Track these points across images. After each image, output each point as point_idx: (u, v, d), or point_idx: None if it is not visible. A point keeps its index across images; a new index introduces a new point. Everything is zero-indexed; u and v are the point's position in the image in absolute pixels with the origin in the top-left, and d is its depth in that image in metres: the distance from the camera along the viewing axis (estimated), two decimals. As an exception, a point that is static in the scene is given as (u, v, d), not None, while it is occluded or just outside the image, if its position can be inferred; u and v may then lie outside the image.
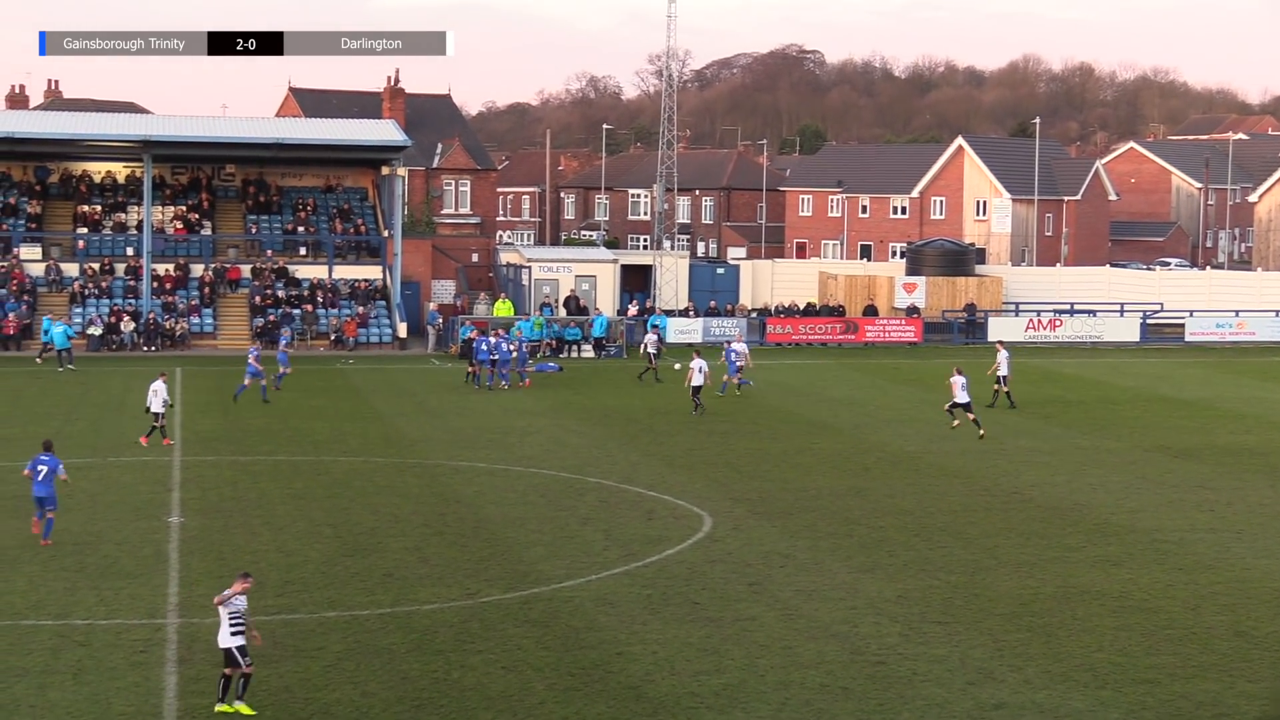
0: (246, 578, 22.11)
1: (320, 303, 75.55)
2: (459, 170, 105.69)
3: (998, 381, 54.53)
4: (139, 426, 47.24)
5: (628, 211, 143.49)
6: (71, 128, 77.06)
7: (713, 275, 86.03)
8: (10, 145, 75.21)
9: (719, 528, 33.42)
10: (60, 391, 55.93)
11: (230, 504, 35.51)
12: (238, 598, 21.68)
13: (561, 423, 49.78)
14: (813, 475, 40.29)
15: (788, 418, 51.42)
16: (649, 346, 63.05)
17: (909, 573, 29.56)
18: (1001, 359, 54.62)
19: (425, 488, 37.91)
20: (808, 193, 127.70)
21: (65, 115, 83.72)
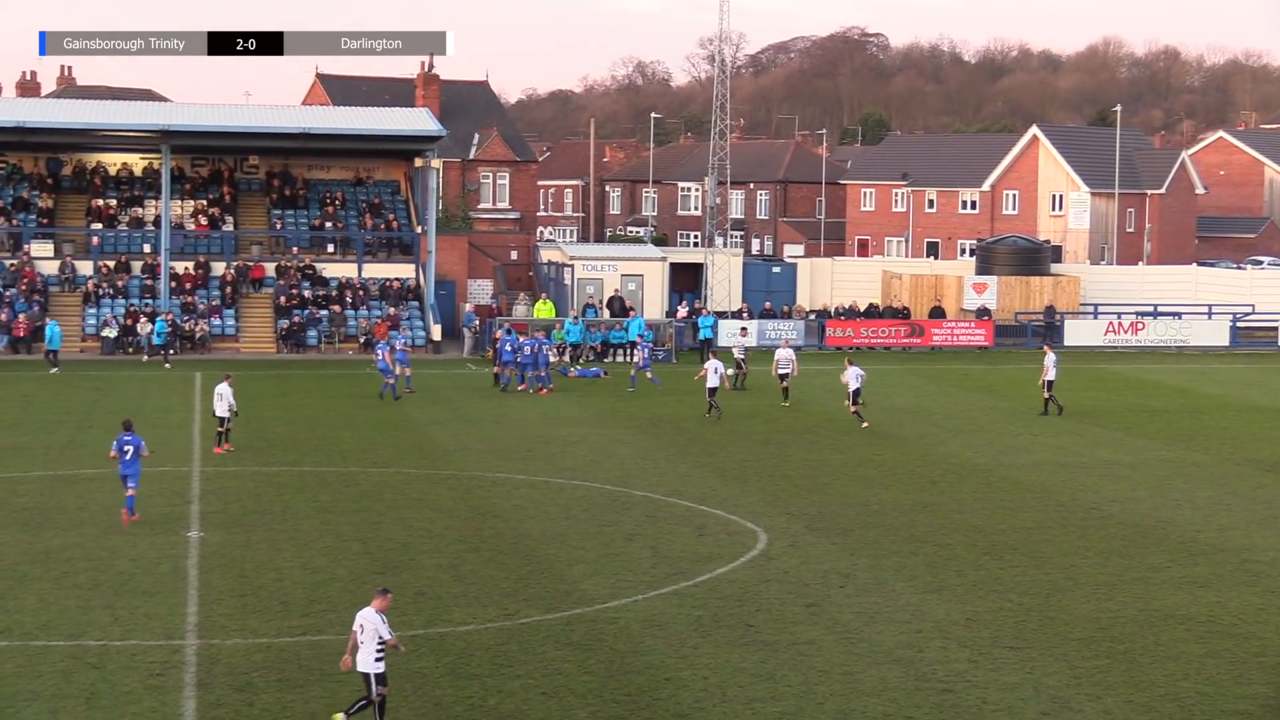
0: (386, 593, 22.17)
1: (349, 303, 75.84)
2: (497, 162, 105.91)
3: (1045, 387, 54.41)
4: (157, 434, 47.52)
5: (677, 206, 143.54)
6: (85, 117, 77.58)
7: (768, 274, 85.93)
8: (20, 135, 75.72)
9: (774, 545, 33.37)
10: (73, 397, 56.29)
11: (253, 517, 35.66)
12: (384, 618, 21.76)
13: (606, 432, 49.80)
14: (875, 489, 40.19)
15: (848, 427, 51.30)
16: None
17: (978, 594, 29.44)
18: (1049, 363, 54.49)
19: (460, 501, 37.98)
20: (870, 186, 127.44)
21: (79, 103, 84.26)
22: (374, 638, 21.59)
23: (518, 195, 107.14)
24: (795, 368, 57.46)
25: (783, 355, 57.14)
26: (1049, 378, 54.34)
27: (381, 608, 21.77)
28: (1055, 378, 54.71)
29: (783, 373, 56.41)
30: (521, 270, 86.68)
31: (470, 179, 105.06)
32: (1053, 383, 54.47)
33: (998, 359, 73.53)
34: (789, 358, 56.96)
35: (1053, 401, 54.45)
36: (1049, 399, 54.46)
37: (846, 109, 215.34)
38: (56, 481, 40.04)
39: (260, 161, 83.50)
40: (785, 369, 56.51)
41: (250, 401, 55.94)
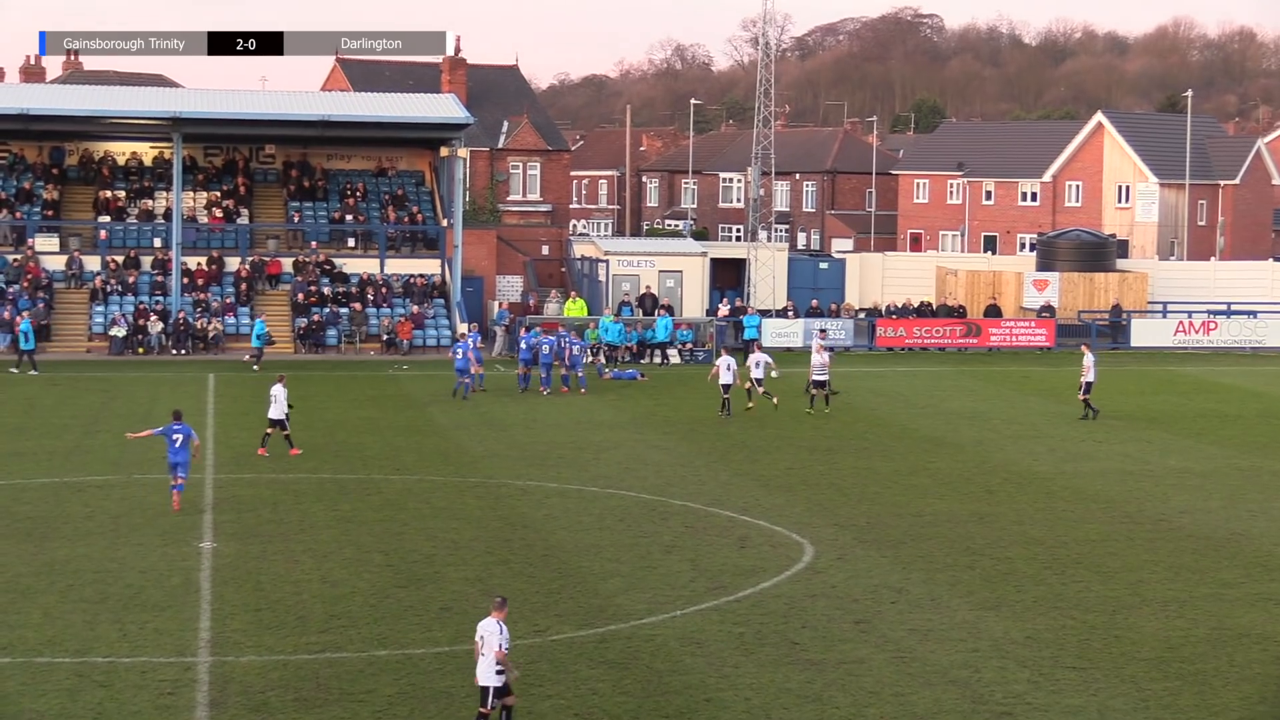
0: (504, 603, 22.24)
1: (371, 301, 76.02)
2: (527, 151, 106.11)
3: (1084, 390, 54.44)
4: (167, 440, 47.76)
5: (718, 198, 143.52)
6: (92, 103, 77.80)
7: (815, 270, 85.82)
8: (24, 123, 75.96)
9: (821, 558, 33.34)
10: (79, 400, 56.54)
11: (269, 528, 35.76)
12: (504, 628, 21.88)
13: (643, 437, 49.82)
14: (929, 498, 40.11)
15: (900, 433, 51.20)
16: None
17: (1039, 611, 29.37)
18: (1087, 363, 54.37)
19: (488, 510, 38.03)
20: (923, 176, 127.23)
21: (85, 89, 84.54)
22: (494, 649, 21.77)
23: (549, 186, 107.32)
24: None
25: (817, 360, 55.63)
26: (1088, 379, 54.24)
27: (501, 617, 21.99)
28: (1094, 379, 54.56)
29: (818, 379, 55.07)
30: (553, 266, 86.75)
31: (499, 169, 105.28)
32: (1091, 385, 54.34)
33: (1059, 361, 73.31)
34: (823, 362, 55.42)
35: (1089, 405, 54.43)
36: (1086, 401, 54.43)
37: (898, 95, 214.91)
38: (62, 489, 40.22)
39: (277, 151, 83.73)
40: (820, 375, 55.18)
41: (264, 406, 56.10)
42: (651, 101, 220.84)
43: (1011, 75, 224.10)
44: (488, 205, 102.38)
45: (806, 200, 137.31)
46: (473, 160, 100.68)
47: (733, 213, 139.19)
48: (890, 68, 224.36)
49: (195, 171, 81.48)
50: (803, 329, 76.59)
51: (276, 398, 45.05)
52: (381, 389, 61.10)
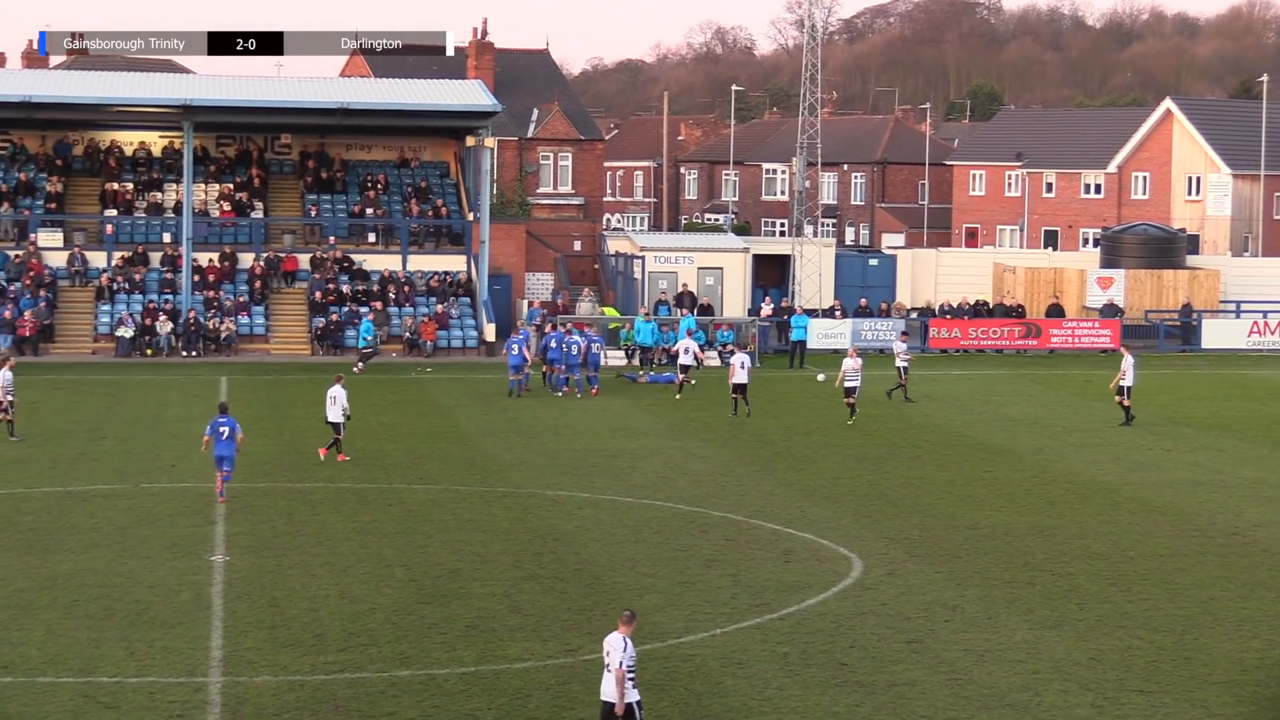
0: (632, 617, 22.32)
1: (392, 300, 76.16)
2: (559, 141, 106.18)
3: (1120, 393, 54.38)
4: (179, 447, 47.88)
5: (761, 190, 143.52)
6: (98, 91, 77.92)
7: (864, 267, 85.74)
8: (26, 112, 76.14)
9: (870, 573, 33.30)
10: (85, 405, 56.76)
11: (285, 540, 35.85)
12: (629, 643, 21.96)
13: (681, 444, 49.82)
14: (985, 510, 40.04)
15: (954, 440, 51.12)
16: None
17: (1103, 630, 29.29)
18: (1126, 365, 54.24)
19: (517, 522, 38.06)
20: (980, 167, 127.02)
21: (90, 76, 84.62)
22: (615, 665, 21.80)
23: (582, 178, 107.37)
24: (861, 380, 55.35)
25: (849, 365, 54.75)
26: (1126, 383, 54.11)
27: (627, 633, 22.01)
28: (1134, 383, 54.41)
29: (849, 385, 54.42)
30: (586, 263, 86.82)
31: (529, 160, 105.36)
32: (1130, 389, 54.20)
33: (1125, 363, 73.01)
34: (855, 368, 54.62)
35: (1126, 410, 54.40)
36: (1126, 406, 54.35)
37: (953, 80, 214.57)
38: (66, 498, 40.37)
39: (293, 141, 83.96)
40: (853, 381, 54.43)
41: (280, 410, 56.28)
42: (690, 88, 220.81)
43: (1074, 59, 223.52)
44: (516, 198, 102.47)
45: (855, 193, 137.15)
46: (500, 150, 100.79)
47: (776, 206, 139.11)
48: (945, 51, 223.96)
49: (207, 162, 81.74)
50: (850, 330, 76.50)
51: (335, 399, 45.55)
52: (403, 393, 61.19)
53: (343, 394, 45.62)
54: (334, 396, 45.57)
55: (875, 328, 77.27)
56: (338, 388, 45.73)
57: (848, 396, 54.35)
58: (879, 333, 76.88)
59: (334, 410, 45.52)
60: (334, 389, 45.74)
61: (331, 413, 45.60)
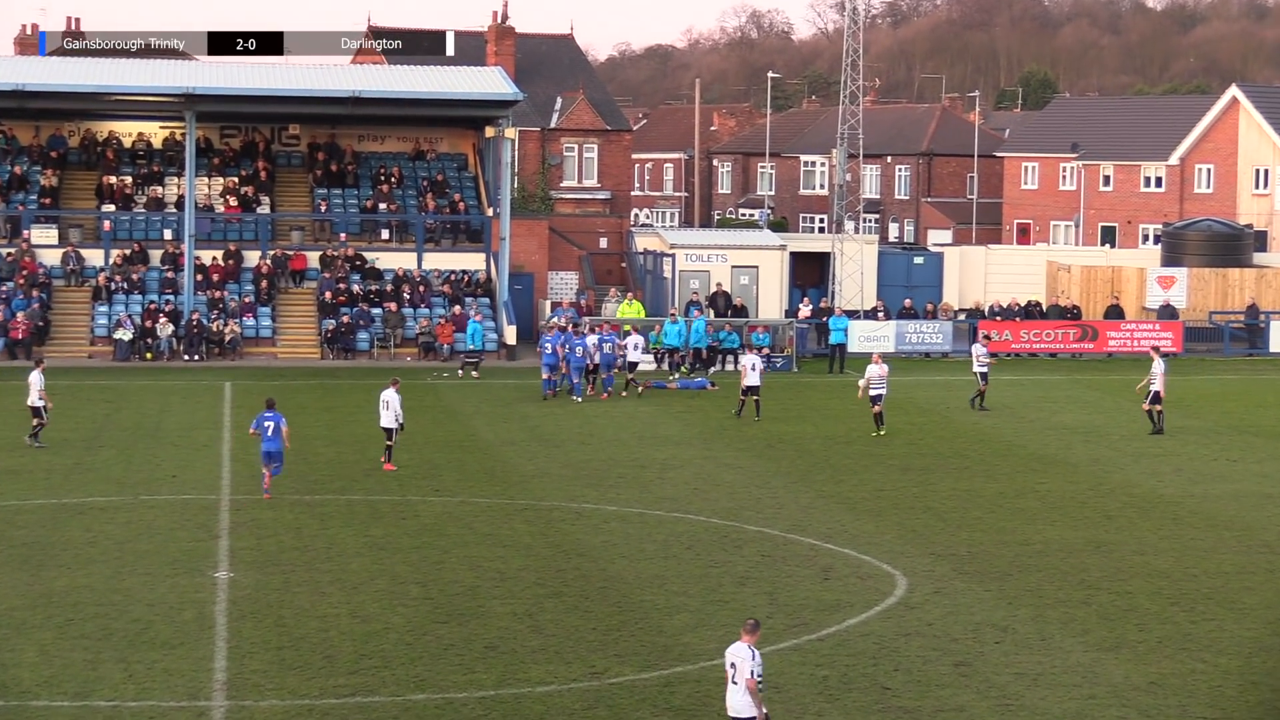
0: (756, 626, 22.40)
1: (407, 300, 76.24)
2: (584, 131, 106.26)
3: (1150, 399, 54.31)
4: (180, 457, 47.97)
5: (799, 184, 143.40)
6: (95, 79, 78.00)
7: (908, 266, 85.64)
8: (19, 101, 76.26)
9: (916, 591, 33.26)
10: (80, 412, 56.86)
11: (292, 555, 35.90)
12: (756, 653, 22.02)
13: (713, 454, 49.81)
14: (1038, 524, 39.97)
15: (1005, 450, 51.03)
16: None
17: (1164, 653, 29.22)
18: (1157, 370, 54.16)
19: (539, 536, 38.09)
20: (1032, 159, 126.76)
21: (87, 63, 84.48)
22: (745, 678, 21.83)
23: (608, 171, 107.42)
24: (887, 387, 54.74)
25: (875, 372, 54.11)
26: (1155, 388, 54.10)
27: (752, 641, 22.07)
28: (1164, 389, 54.33)
29: (875, 393, 53.72)
30: (613, 261, 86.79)
31: (552, 152, 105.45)
32: (1160, 395, 54.12)
33: (1188, 368, 72.98)
34: (881, 375, 54.00)
35: (1156, 418, 54.41)
36: (1158, 413, 54.31)
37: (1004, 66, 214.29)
38: (60, 511, 40.47)
39: (302, 131, 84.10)
40: (879, 389, 53.83)
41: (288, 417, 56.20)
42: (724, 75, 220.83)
43: (1133, 44, 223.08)
44: (539, 192, 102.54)
45: (899, 186, 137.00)
46: (522, 141, 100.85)
47: (815, 200, 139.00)
48: (995, 36, 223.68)
49: (210, 154, 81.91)
50: (894, 332, 76.40)
51: (389, 403, 45.87)
52: (419, 400, 61.23)
53: (396, 399, 45.96)
54: (387, 401, 45.96)
55: (920, 330, 77.15)
56: (391, 391, 46.08)
57: (874, 405, 53.92)
58: (924, 335, 76.79)
59: (387, 416, 45.97)
60: (387, 393, 46.12)
61: (385, 418, 46.04)
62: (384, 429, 46.23)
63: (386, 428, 46.09)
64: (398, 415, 46.03)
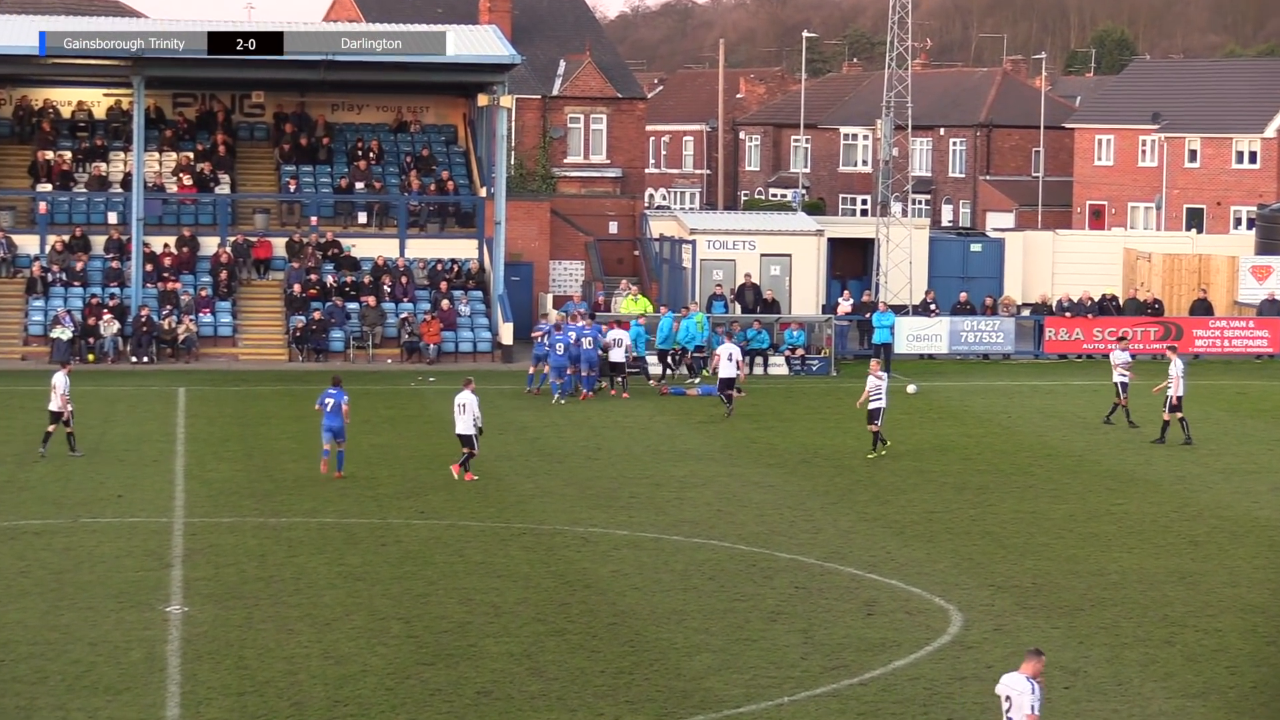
0: (1038, 655, 22.52)
1: (388, 293, 76.21)
2: (591, 100, 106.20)
3: (1170, 406, 54.47)
4: (126, 474, 47.96)
5: (839, 160, 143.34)
6: (29, 39, 77.19)
7: (964, 254, 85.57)
8: (-59, 66, 76.45)
9: (973, 628, 33.23)
10: (13, 421, 56.90)
11: (255, 587, 35.90)
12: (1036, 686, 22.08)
13: (739, 471, 49.81)
14: (1113, 551, 39.94)
15: (1075, 466, 50.98)
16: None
17: (1260, 699, 29.20)
18: (1174, 372, 54.29)
19: (539, 565, 38.09)
20: (1107, 131, 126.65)
21: (18, 20, 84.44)
22: (1024, 713, 21.90)
23: (619, 145, 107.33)
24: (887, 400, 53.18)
25: (873, 384, 52.51)
26: (1176, 392, 54.25)
27: (1034, 672, 22.16)
28: (1184, 392, 54.27)
29: (875, 406, 52.24)
30: (624, 249, 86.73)
31: (554, 123, 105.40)
32: (1180, 399, 54.11)
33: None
34: (879, 387, 52.38)
35: (1182, 426, 54.56)
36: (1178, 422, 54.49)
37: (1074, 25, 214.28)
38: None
39: (266, 99, 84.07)
40: (877, 402, 52.22)
41: (251, 429, 56.40)
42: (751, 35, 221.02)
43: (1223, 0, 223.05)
44: (539, 170, 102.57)
45: (954, 163, 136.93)
46: (520, 111, 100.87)
47: (857, 179, 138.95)
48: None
49: (162, 126, 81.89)
50: (947, 330, 76.29)
51: (464, 407, 46.66)
52: (401, 407, 61.25)
53: (473, 400, 46.74)
54: (463, 404, 46.75)
55: (978, 328, 77.03)
56: (467, 393, 46.85)
57: (871, 422, 52.30)
58: (982, 334, 76.68)
59: (463, 421, 46.74)
60: (462, 395, 46.89)
61: (460, 424, 46.81)
62: (460, 436, 47.02)
63: (464, 434, 46.89)
64: (476, 419, 46.83)
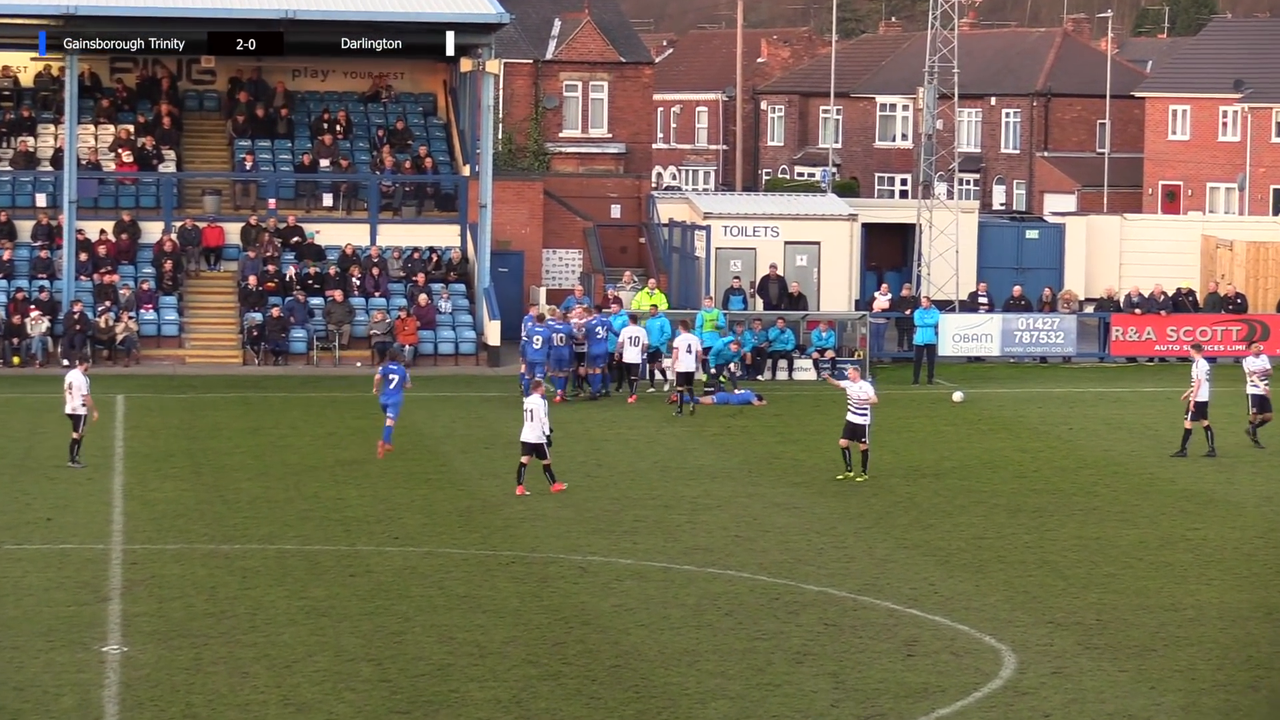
0: None
1: (357, 287, 76.16)
2: (590, 65, 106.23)
3: (1193, 413, 54.62)
4: (57, 493, 47.95)
5: (874, 134, 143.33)
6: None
7: (1019, 242, 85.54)
8: None
9: (1028, 672, 33.22)
10: (-73, 434, 57.00)
11: (204, 624, 35.87)
12: None
13: (760, 490, 49.83)
14: (1189, 583, 39.94)
15: (1146, 485, 50.97)
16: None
17: (1358, 753, 29.18)
18: (1199, 374, 54.60)
19: (530, 598, 38.09)
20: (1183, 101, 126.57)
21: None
22: None
23: (623, 117, 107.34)
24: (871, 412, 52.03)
25: (854, 393, 51.51)
26: (1200, 397, 54.36)
27: None
28: (1209, 398, 54.26)
29: (857, 421, 51.19)
30: (628, 236, 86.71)
31: (549, 92, 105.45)
32: (1205, 405, 54.10)
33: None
34: (863, 397, 51.32)
35: (1207, 435, 54.83)
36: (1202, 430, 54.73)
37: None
38: (-100, 565, 40.53)
39: (218, 65, 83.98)
40: (861, 416, 51.13)
41: (199, 442, 56.38)
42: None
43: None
44: (531, 145, 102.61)
45: (1007, 137, 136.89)
46: (509, 78, 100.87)
47: (896, 156, 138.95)
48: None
49: (98, 95, 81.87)
50: (999, 329, 76.23)
51: (534, 412, 47.35)
52: (372, 418, 61.15)
53: (541, 405, 47.55)
54: (531, 410, 47.45)
55: (1034, 327, 76.94)
56: (536, 398, 47.67)
57: (849, 437, 51.18)
58: (1039, 334, 76.60)
59: (532, 429, 47.47)
60: (531, 400, 47.71)
61: (528, 431, 47.57)
62: (525, 445, 47.85)
63: (530, 443, 47.76)
64: (544, 426, 47.61)
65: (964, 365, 74.14)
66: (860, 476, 51.12)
